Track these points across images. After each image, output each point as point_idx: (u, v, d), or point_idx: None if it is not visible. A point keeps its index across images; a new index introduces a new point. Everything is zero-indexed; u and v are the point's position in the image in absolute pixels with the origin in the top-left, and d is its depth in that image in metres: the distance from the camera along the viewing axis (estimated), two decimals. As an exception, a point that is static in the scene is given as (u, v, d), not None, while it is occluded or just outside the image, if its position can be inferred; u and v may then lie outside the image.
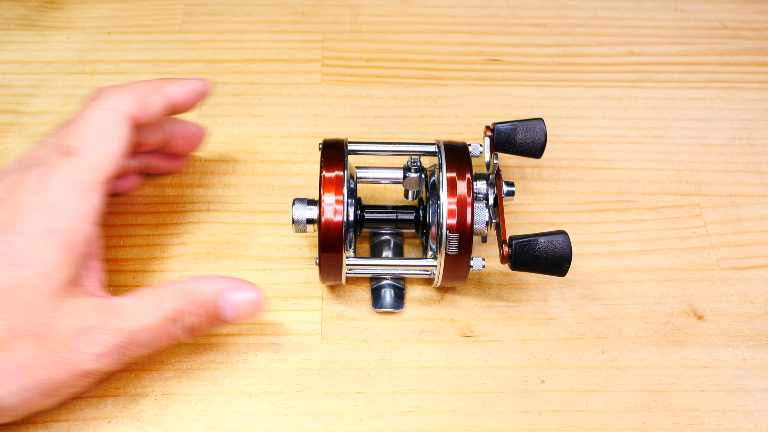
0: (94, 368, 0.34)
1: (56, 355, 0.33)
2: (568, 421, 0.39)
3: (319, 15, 0.58)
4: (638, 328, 0.43)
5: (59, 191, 0.35)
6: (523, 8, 0.59)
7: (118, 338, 0.34)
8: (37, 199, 0.34)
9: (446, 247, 0.39)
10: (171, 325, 0.36)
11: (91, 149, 0.36)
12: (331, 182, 0.39)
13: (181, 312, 0.36)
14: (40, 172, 0.35)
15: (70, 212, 0.35)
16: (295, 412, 0.39)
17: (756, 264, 0.46)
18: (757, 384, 0.41)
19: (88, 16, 0.57)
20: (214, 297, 0.37)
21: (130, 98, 0.38)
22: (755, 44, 0.57)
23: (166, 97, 0.40)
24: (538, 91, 0.54)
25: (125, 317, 0.35)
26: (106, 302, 0.35)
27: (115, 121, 0.37)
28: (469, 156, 0.41)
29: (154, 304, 0.35)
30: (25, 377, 0.33)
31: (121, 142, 0.37)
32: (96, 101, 0.38)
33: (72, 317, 0.34)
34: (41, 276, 0.33)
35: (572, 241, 0.46)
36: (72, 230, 0.35)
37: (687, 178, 0.49)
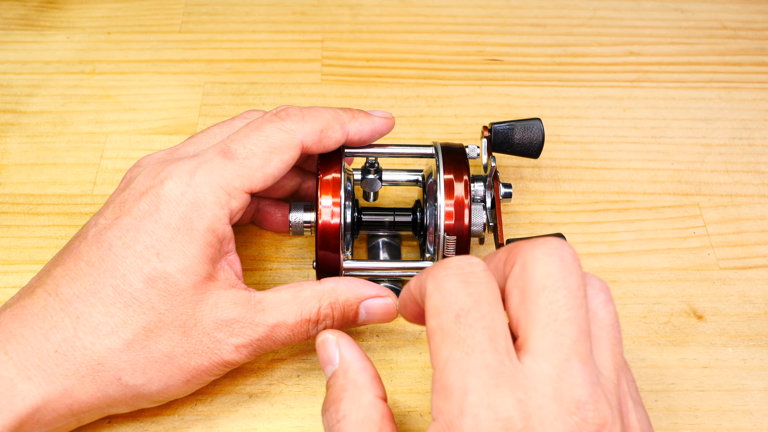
0: (233, 359, 0.35)
1: (199, 345, 0.34)
2: (568, 421, 0.39)
3: (319, 15, 0.58)
4: (638, 328, 0.43)
5: (204, 188, 0.35)
6: (523, 8, 0.59)
7: (258, 332, 0.35)
8: (183, 193, 0.35)
9: (443, 250, 0.39)
10: (310, 326, 0.36)
11: (251, 161, 0.36)
12: (328, 185, 0.39)
13: (324, 314, 0.37)
14: (192, 165, 0.35)
15: (209, 211, 0.35)
16: (295, 412, 0.39)
17: (756, 264, 0.46)
18: (757, 384, 0.41)
19: (87, 16, 0.57)
20: (356, 303, 0.37)
21: (310, 129, 0.38)
22: (755, 44, 0.57)
23: (345, 133, 0.39)
24: (538, 91, 0.54)
25: (266, 312, 0.36)
26: (248, 296, 0.36)
27: (286, 146, 0.37)
28: (466, 158, 0.41)
29: (296, 303, 0.36)
30: (169, 365, 0.34)
31: (282, 166, 0.37)
32: (278, 119, 0.37)
33: (214, 309, 0.35)
34: (184, 270, 0.34)
35: (572, 241, 0.46)
36: (209, 229, 0.35)
37: (687, 178, 0.49)
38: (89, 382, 0.33)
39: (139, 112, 0.51)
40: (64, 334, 0.33)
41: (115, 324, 0.33)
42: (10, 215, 0.46)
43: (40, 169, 0.48)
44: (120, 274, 0.34)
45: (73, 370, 0.32)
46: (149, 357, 0.34)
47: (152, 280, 0.34)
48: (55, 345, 0.32)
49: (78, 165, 0.48)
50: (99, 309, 0.33)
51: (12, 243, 0.45)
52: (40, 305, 0.33)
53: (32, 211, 0.46)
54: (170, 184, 0.35)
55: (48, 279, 0.34)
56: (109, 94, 0.52)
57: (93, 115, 0.51)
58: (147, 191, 0.35)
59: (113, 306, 0.33)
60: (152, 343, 0.34)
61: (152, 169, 0.36)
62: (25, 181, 0.47)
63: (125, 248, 0.34)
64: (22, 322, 0.33)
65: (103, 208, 0.37)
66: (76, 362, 0.33)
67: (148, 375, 0.34)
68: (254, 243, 0.45)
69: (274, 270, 0.44)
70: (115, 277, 0.33)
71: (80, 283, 0.34)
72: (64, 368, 0.32)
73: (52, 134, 0.50)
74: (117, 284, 0.33)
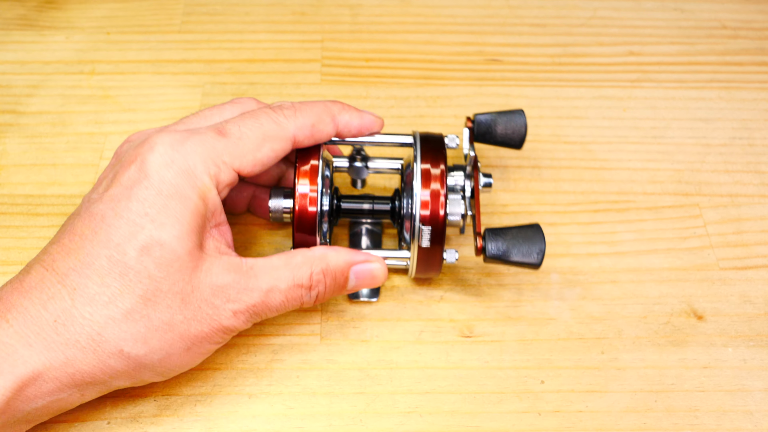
0: (232, 324, 0.36)
1: (198, 311, 0.35)
2: (568, 421, 0.39)
3: (319, 15, 0.58)
4: (638, 329, 0.43)
5: (194, 157, 0.35)
6: (523, 8, 0.59)
7: (253, 297, 0.36)
8: (172, 160, 0.35)
9: (419, 240, 0.39)
10: (303, 292, 0.37)
11: (244, 141, 0.36)
12: (306, 172, 0.39)
13: (317, 281, 0.37)
14: (183, 134, 0.36)
15: (199, 180, 0.35)
16: (295, 412, 0.39)
17: (756, 264, 0.45)
18: (757, 384, 0.41)
19: (87, 16, 0.57)
20: (346, 268, 0.38)
21: (302, 123, 0.38)
22: (755, 44, 0.57)
23: (335, 125, 0.40)
24: (538, 91, 0.54)
25: (259, 278, 0.36)
26: (239, 262, 0.36)
27: (278, 137, 0.37)
28: (444, 147, 0.41)
29: (288, 268, 0.37)
30: (169, 333, 0.34)
31: (272, 154, 0.37)
32: (272, 111, 0.38)
33: (210, 275, 0.35)
34: (178, 237, 0.34)
35: (572, 241, 0.46)
36: (200, 197, 0.35)
37: (687, 178, 0.49)
38: (90, 352, 0.33)
39: (138, 112, 0.51)
40: (62, 304, 0.33)
41: (111, 294, 0.33)
42: (9, 216, 0.46)
43: (39, 170, 0.48)
44: (114, 244, 0.34)
45: (73, 340, 0.33)
46: (149, 326, 0.34)
47: (147, 248, 0.33)
48: (54, 315, 0.33)
49: (77, 165, 0.48)
50: (95, 280, 0.33)
51: (11, 243, 0.45)
52: (37, 279, 0.34)
53: (31, 211, 0.46)
54: (160, 149, 0.35)
55: (44, 256, 0.35)
56: (108, 94, 0.52)
57: (92, 116, 0.51)
58: (135, 159, 0.35)
59: (108, 276, 0.33)
60: (151, 312, 0.34)
61: (140, 140, 0.36)
62: (24, 182, 0.47)
63: (117, 218, 0.34)
64: (20, 294, 0.33)
65: (96, 184, 0.37)
66: (75, 332, 0.33)
67: (150, 344, 0.34)
68: (255, 243, 0.45)
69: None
70: (109, 247, 0.33)
71: (74, 256, 0.34)
72: (64, 337, 0.33)
73: (52, 135, 0.50)
74: (111, 254, 0.33)
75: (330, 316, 0.43)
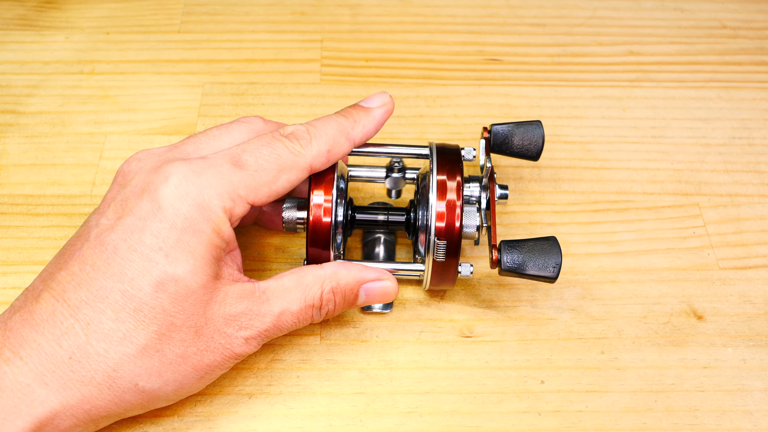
0: (244, 351, 0.36)
1: (211, 341, 0.35)
2: (568, 421, 0.39)
3: (319, 15, 0.58)
4: (638, 329, 0.43)
5: (209, 191, 0.34)
6: (523, 8, 0.59)
7: (265, 322, 0.36)
8: (187, 193, 0.34)
9: (434, 253, 0.39)
10: (313, 311, 0.37)
11: (260, 175, 0.36)
12: (321, 182, 0.39)
13: (327, 300, 0.37)
14: (199, 165, 0.35)
15: (213, 214, 0.34)
16: (295, 412, 0.39)
17: (756, 264, 0.45)
18: (757, 384, 0.41)
19: (86, 16, 0.57)
20: (356, 286, 0.38)
21: (318, 151, 0.37)
22: (755, 44, 0.57)
23: (351, 143, 0.39)
24: (538, 91, 0.54)
25: (271, 301, 0.36)
26: (252, 288, 0.36)
27: (296, 168, 0.37)
28: (460, 159, 0.40)
29: (299, 289, 0.37)
30: (183, 365, 0.34)
31: (288, 185, 0.37)
32: (290, 141, 0.37)
33: (222, 305, 0.35)
34: (193, 271, 0.34)
35: (572, 241, 0.46)
36: (214, 231, 0.34)
37: (687, 178, 0.49)
38: (106, 389, 0.33)
39: (138, 112, 0.51)
40: (76, 340, 0.32)
41: (126, 330, 0.33)
42: (9, 216, 0.46)
43: (39, 170, 0.48)
44: (128, 279, 0.33)
45: (89, 377, 0.32)
46: (163, 360, 0.34)
47: (161, 284, 0.33)
48: (69, 352, 0.32)
49: (77, 165, 0.48)
50: (109, 315, 0.33)
51: (11, 243, 0.45)
52: (48, 311, 0.33)
53: (31, 211, 0.46)
54: (174, 180, 0.34)
55: (53, 283, 0.34)
56: (108, 94, 0.52)
57: (92, 116, 0.51)
58: (147, 188, 0.34)
59: (122, 311, 0.33)
60: (166, 346, 0.33)
61: (155, 166, 0.36)
62: (24, 182, 0.47)
63: (131, 251, 0.33)
64: (32, 328, 0.33)
65: (103, 206, 0.36)
66: (91, 369, 0.32)
67: (164, 378, 0.34)
68: (255, 243, 0.45)
69: (275, 270, 0.44)
70: (123, 281, 0.33)
71: (87, 288, 0.33)
72: (79, 375, 0.32)
73: (51, 135, 0.50)
74: (125, 289, 0.33)
75: (330, 316, 0.43)
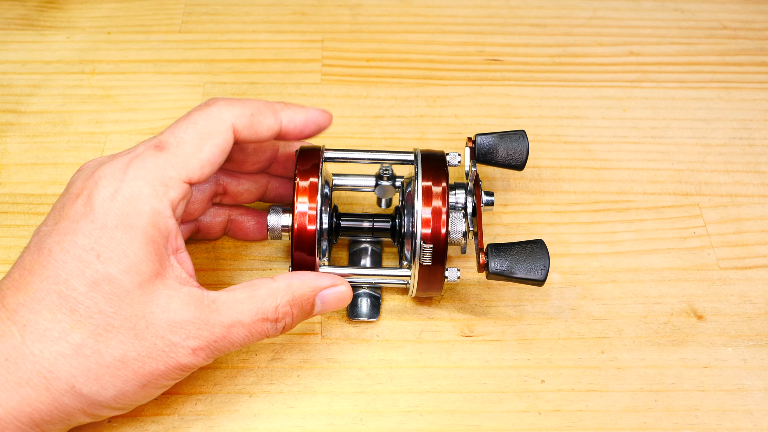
0: (190, 362, 0.34)
1: (153, 348, 0.33)
2: (568, 421, 0.39)
3: (319, 15, 0.58)
4: (638, 328, 0.43)
5: (138, 182, 0.34)
6: (523, 8, 0.59)
7: (214, 333, 0.34)
8: (116, 189, 0.34)
9: (420, 258, 0.39)
10: (268, 325, 0.36)
11: (183, 148, 0.35)
12: (305, 190, 0.38)
13: (283, 313, 0.36)
14: (124, 161, 0.35)
15: (147, 206, 0.34)
16: (295, 411, 0.39)
17: (756, 264, 0.46)
18: (757, 384, 0.41)
19: (88, 16, 0.57)
20: (313, 296, 0.37)
21: (239, 111, 0.37)
22: (755, 44, 0.57)
23: (278, 120, 0.38)
24: (538, 91, 0.54)
25: (221, 312, 0.35)
26: (200, 295, 0.35)
27: (216, 129, 0.36)
28: (445, 165, 0.40)
29: (252, 301, 0.35)
30: (122, 370, 0.33)
31: (215, 150, 0.36)
32: (206, 106, 0.37)
33: (166, 310, 0.34)
34: (127, 270, 0.33)
35: (572, 241, 0.46)
36: (149, 224, 0.34)
37: (687, 178, 0.49)
38: (44, 390, 0.32)
39: (139, 112, 0.51)
40: (12, 341, 0.32)
41: (62, 329, 0.32)
42: (10, 215, 0.46)
43: (40, 169, 0.48)
44: (62, 280, 0.33)
45: (25, 378, 0.32)
46: (101, 362, 0.32)
47: (95, 284, 0.33)
48: (5, 354, 0.32)
49: (78, 165, 0.47)
50: (45, 315, 0.32)
51: (12, 243, 0.45)
52: None
53: (32, 210, 0.46)
54: (103, 182, 0.34)
55: None
56: (109, 94, 0.52)
57: (93, 115, 0.51)
58: (81, 192, 0.34)
59: (59, 312, 0.32)
60: (103, 347, 0.32)
61: (89, 171, 0.35)
62: (25, 181, 0.47)
63: (64, 253, 0.33)
64: None
65: (46, 216, 0.36)
66: (27, 370, 0.32)
67: (102, 381, 0.33)
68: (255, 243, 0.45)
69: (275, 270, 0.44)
70: (58, 283, 0.33)
71: (24, 291, 0.33)
72: (16, 376, 0.32)
73: (52, 134, 0.50)
74: (60, 290, 0.32)
75: (331, 315, 0.43)
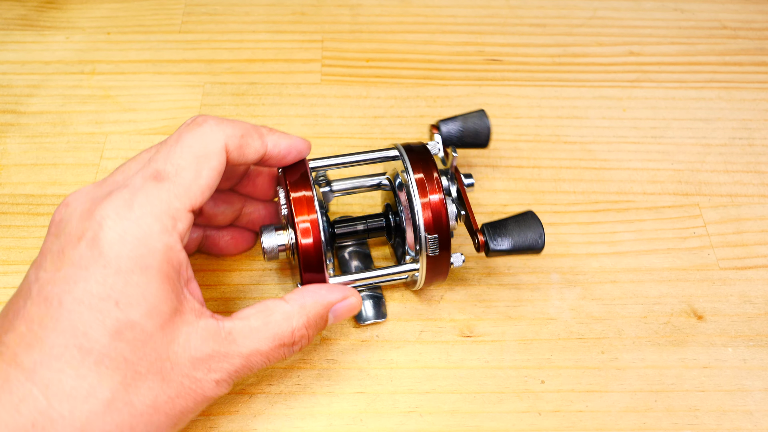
0: (215, 394, 0.34)
1: (181, 387, 0.33)
2: (568, 421, 0.39)
3: (319, 15, 0.58)
4: (638, 328, 0.43)
5: (146, 220, 0.32)
6: (523, 8, 0.59)
7: (234, 364, 0.34)
8: (124, 230, 0.32)
9: (427, 249, 0.38)
10: (285, 349, 0.36)
11: (183, 176, 0.34)
12: (302, 203, 0.37)
13: (300, 336, 0.36)
14: (126, 197, 0.33)
15: (159, 243, 0.32)
16: (295, 412, 0.39)
17: (756, 264, 0.46)
18: (757, 384, 0.41)
19: (87, 16, 0.57)
20: (326, 312, 0.37)
21: (231, 132, 0.35)
22: (755, 44, 0.57)
23: (265, 144, 0.37)
24: (538, 91, 0.54)
25: (239, 342, 0.34)
26: (217, 327, 0.34)
27: (211, 151, 0.35)
28: (431, 155, 0.40)
29: (267, 328, 0.35)
30: (156, 415, 0.32)
31: (213, 173, 0.34)
32: (196, 125, 0.35)
33: (187, 348, 0.33)
34: (148, 314, 0.32)
35: (572, 241, 0.46)
36: (164, 261, 0.32)
37: (687, 178, 0.49)
38: None
39: (138, 112, 0.51)
40: (36, 405, 0.30)
41: (89, 385, 0.30)
42: (10, 215, 0.46)
43: (39, 170, 0.48)
44: (81, 333, 0.31)
45: None
46: (134, 413, 0.31)
47: (118, 333, 0.31)
48: (30, 418, 0.30)
49: (78, 165, 0.48)
50: (68, 373, 0.30)
51: (12, 243, 0.45)
52: (1, 378, 0.30)
53: (32, 211, 0.46)
54: (109, 224, 0.32)
55: (2, 348, 0.31)
56: (108, 94, 0.52)
57: (93, 116, 0.51)
58: (83, 234, 0.32)
59: (82, 367, 0.30)
60: (134, 397, 0.31)
61: (85, 210, 0.33)
62: (25, 182, 0.47)
63: (78, 303, 0.31)
64: None
65: (40, 258, 0.33)
66: None
67: (136, 430, 0.31)
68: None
69: (275, 270, 0.44)
70: (77, 336, 0.31)
71: (39, 348, 0.30)
72: None
73: (52, 134, 0.50)
74: (81, 344, 0.30)
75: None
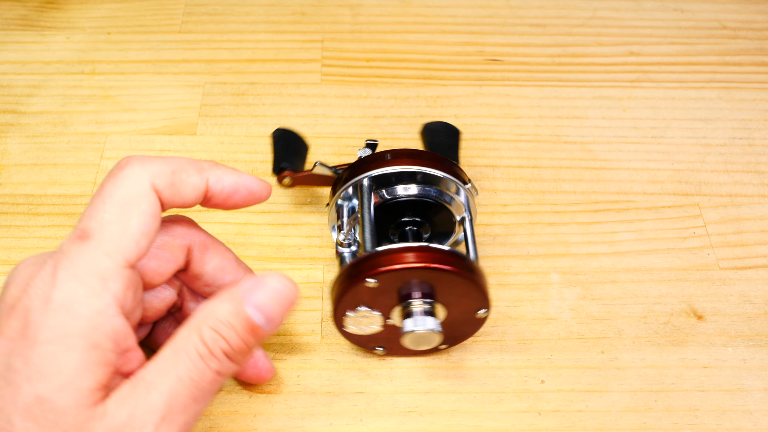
0: None
1: None
2: (568, 421, 0.39)
3: (319, 15, 0.58)
4: (638, 328, 0.43)
5: (70, 284, 0.29)
6: (523, 8, 0.59)
7: (154, 417, 0.30)
8: (47, 298, 0.29)
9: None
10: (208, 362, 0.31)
11: (110, 229, 0.30)
12: None
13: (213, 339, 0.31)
14: (52, 263, 0.30)
15: (85, 308, 0.29)
16: (295, 412, 0.39)
17: (756, 264, 0.45)
18: (757, 384, 0.41)
19: (87, 17, 0.57)
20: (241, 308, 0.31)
21: (158, 169, 0.31)
22: (755, 44, 0.57)
23: (204, 179, 0.33)
24: (538, 91, 0.54)
25: (150, 390, 0.30)
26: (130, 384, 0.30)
27: (137, 194, 0.31)
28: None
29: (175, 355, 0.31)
30: None
31: (144, 218, 0.31)
32: (118, 170, 0.32)
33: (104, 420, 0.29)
34: (61, 388, 0.29)
35: (572, 241, 0.46)
36: (91, 329, 0.29)
37: (687, 178, 0.49)
38: None
39: (139, 112, 0.51)
40: None
41: None
42: (10, 215, 0.46)
43: (40, 170, 0.48)
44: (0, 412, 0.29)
45: None
46: None
47: (27, 411, 0.28)
48: None
49: (78, 165, 0.48)
50: None
51: (12, 243, 0.45)
52: None
53: (32, 211, 0.46)
54: (33, 292, 0.30)
55: None
56: (109, 94, 0.52)
57: (93, 116, 0.51)
58: (15, 305, 0.30)
59: None
60: None
61: (21, 279, 0.31)
62: (25, 182, 0.47)
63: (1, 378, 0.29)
64: None
65: None
66: None
67: None
68: (254, 243, 0.45)
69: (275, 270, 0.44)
70: None
71: None
72: None
73: (52, 134, 0.50)
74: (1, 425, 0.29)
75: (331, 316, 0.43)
